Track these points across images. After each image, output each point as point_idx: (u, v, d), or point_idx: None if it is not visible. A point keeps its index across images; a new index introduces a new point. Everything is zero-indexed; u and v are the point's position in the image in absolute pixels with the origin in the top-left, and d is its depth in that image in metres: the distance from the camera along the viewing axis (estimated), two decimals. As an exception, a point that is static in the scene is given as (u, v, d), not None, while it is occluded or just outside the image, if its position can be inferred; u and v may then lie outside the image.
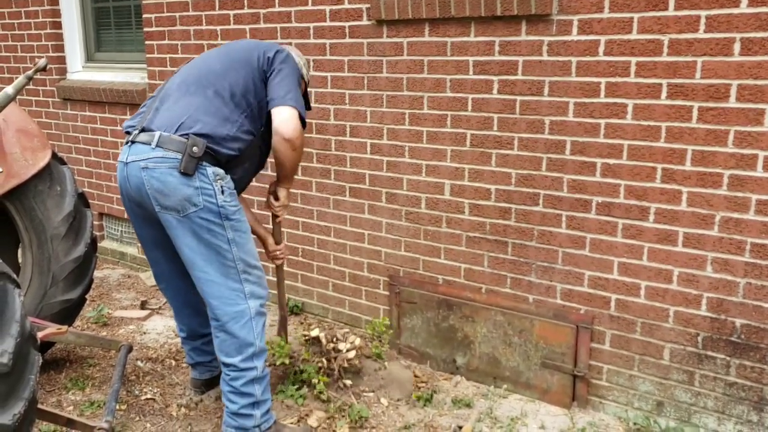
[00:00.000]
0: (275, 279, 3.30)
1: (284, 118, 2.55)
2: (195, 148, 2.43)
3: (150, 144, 2.47)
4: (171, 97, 2.61)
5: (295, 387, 3.16)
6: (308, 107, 2.91)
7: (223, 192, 2.52)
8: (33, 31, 5.18)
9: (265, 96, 2.64)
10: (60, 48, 5.12)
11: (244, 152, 2.63)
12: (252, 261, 2.66)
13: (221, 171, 2.55)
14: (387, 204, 3.60)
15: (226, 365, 2.66)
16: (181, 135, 2.46)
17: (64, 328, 2.95)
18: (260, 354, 2.68)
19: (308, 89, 2.96)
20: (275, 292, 3.37)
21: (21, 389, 2.06)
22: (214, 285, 2.58)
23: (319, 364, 3.19)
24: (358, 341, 3.26)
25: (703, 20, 2.58)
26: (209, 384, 3.23)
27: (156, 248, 2.83)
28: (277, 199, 2.90)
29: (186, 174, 2.43)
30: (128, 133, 2.63)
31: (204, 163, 2.49)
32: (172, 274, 2.89)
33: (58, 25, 5.07)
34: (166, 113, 2.55)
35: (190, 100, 2.56)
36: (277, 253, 3.10)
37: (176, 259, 2.73)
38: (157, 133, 2.48)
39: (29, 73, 2.96)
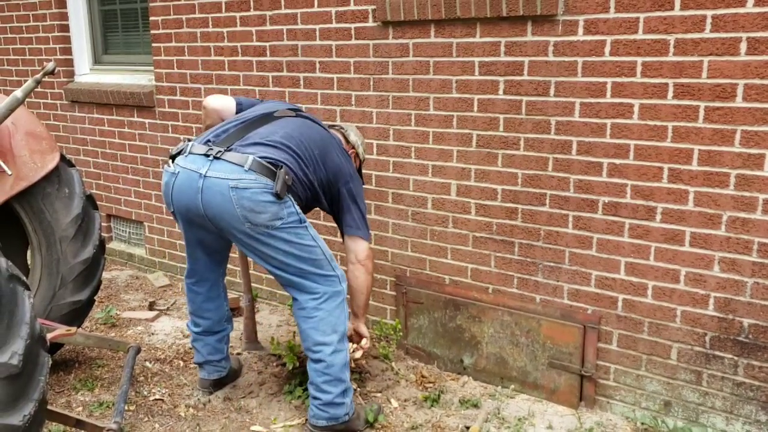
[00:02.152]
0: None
1: (362, 249, 2.96)
2: (287, 177, 2.66)
3: (243, 166, 2.62)
4: (276, 140, 2.75)
5: (303, 388, 3.17)
6: (363, 182, 3.13)
7: (296, 203, 2.76)
8: (41, 34, 5.20)
9: (323, 197, 2.93)
10: (68, 51, 5.14)
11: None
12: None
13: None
14: (393, 204, 3.61)
15: (322, 346, 2.77)
16: (269, 163, 2.65)
17: (74, 329, 2.97)
18: (346, 335, 2.86)
19: (350, 148, 3.18)
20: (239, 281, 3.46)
21: (31, 390, 2.08)
22: (312, 275, 2.78)
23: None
24: (363, 341, 3.26)
25: (709, 20, 2.58)
26: (217, 384, 3.26)
27: (200, 248, 3.02)
28: (361, 338, 3.15)
29: (278, 196, 2.63)
30: (209, 142, 2.76)
31: None
32: (206, 267, 3.09)
33: (65, 28, 5.10)
34: (263, 147, 2.71)
35: (292, 153, 2.75)
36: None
37: (213, 254, 3.05)
38: (250, 157, 2.63)
39: (38, 76, 2.97)
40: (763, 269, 2.65)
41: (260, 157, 2.64)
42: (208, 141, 2.78)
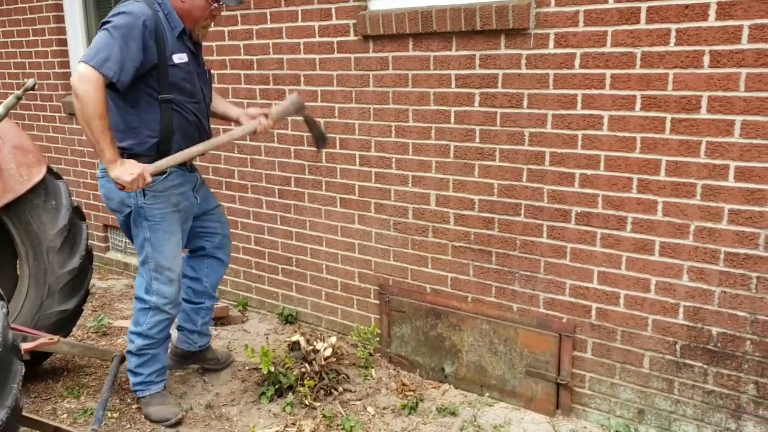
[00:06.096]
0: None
1: (77, 70, 2.68)
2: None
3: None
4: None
5: (276, 388, 3.28)
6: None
7: (144, 195, 2.92)
8: (40, 48, 5.31)
9: (145, 62, 2.77)
10: (66, 64, 5.24)
11: (166, 129, 2.90)
12: (165, 263, 3.05)
13: None
14: (376, 214, 3.66)
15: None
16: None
17: (56, 338, 3.04)
18: (143, 336, 3.09)
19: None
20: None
21: (3, 398, 2.14)
22: (140, 270, 3.11)
23: (302, 369, 3.27)
24: (334, 339, 3.31)
25: (673, 33, 2.62)
26: (184, 358, 3.54)
27: None
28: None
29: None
30: None
31: None
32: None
33: (63, 42, 5.20)
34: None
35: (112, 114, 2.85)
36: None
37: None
38: None
39: (18, 93, 3.07)
40: (730, 278, 2.67)
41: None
42: None
